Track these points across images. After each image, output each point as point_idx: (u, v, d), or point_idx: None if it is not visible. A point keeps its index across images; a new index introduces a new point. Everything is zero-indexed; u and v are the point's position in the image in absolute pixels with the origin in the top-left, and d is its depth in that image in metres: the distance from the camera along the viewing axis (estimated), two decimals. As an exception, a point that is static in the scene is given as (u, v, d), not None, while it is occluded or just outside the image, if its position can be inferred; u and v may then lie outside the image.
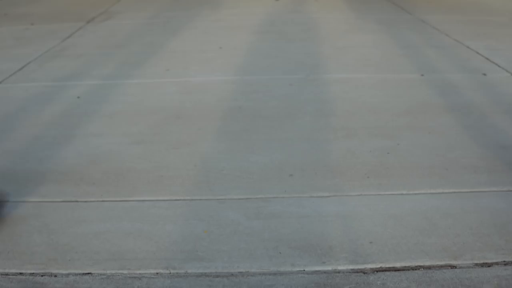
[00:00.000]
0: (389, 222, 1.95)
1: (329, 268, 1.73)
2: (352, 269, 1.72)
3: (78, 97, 3.38)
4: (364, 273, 1.71)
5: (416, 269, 1.72)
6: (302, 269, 1.72)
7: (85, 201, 2.14)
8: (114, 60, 4.17)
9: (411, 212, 2.02)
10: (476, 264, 1.74)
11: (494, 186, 2.22)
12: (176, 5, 6.48)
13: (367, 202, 2.11)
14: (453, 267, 1.73)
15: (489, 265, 1.73)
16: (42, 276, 1.72)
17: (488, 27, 5.19)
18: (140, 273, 1.71)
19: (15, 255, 1.81)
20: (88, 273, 1.72)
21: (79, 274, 1.72)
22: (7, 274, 1.73)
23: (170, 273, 1.72)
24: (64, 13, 6.17)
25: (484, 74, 3.73)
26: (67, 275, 1.72)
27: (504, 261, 1.75)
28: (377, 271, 1.71)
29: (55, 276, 1.71)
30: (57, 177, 2.33)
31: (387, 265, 1.74)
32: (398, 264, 1.74)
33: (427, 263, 1.74)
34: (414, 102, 3.20)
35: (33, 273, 1.73)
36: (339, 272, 1.71)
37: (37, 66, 4.08)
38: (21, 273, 1.73)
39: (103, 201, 2.15)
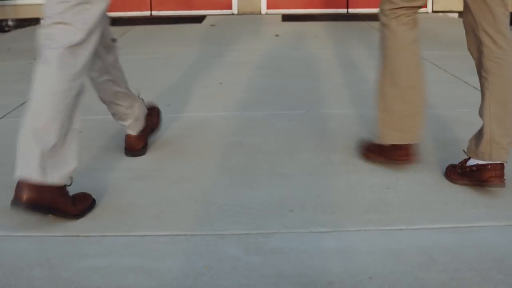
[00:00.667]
0: (388, 257, 1.96)
1: (329, 303, 1.74)
2: (351, 305, 1.73)
3: (80, 132, 3.40)
4: (364, 308, 1.71)
5: (415, 305, 1.73)
6: (302, 305, 1.73)
7: (86, 236, 2.15)
8: (116, 95, 4.20)
9: (411, 247, 2.03)
10: (475, 300, 1.75)
11: (492, 220, 2.24)
12: (178, 41, 6.55)
13: (366, 237, 2.12)
14: (452, 303, 1.73)
15: (488, 300, 1.74)
16: (43, 311, 1.72)
17: (486, 63, 5.24)
18: (140, 308, 1.72)
19: (16, 290, 1.82)
20: (89, 308, 1.73)
21: (80, 309, 1.73)
22: (8, 309, 1.73)
23: (170, 308, 1.72)
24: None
25: (482, 109, 3.76)
26: (68, 310, 1.72)
27: (503, 297, 1.76)
28: (376, 307, 1.72)
29: (56, 311, 1.72)
30: (58, 212, 2.34)
31: (387, 301, 1.74)
32: (397, 300, 1.75)
33: (427, 299, 1.75)
34: (413, 137, 3.23)
35: (34, 308, 1.74)
36: (338, 307, 1.72)
37: (39, 101, 4.11)
38: (22, 308, 1.74)
39: (104, 236, 2.16)
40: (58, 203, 2.21)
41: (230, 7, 9.28)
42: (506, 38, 2.45)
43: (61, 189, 2.23)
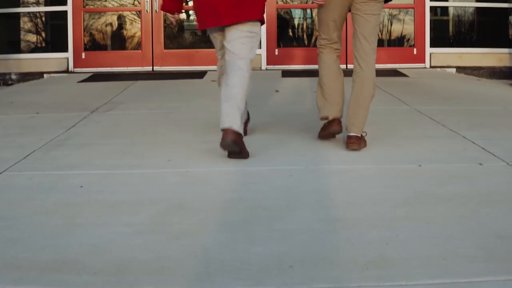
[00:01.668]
0: (388, 314, 1.97)
1: None
2: None
3: (81, 187, 3.43)
4: None
5: None
6: None
7: (87, 292, 2.16)
8: (117, 150, 4.24)
9: (411, 304, 2.04)
10: None
11: (491, 275, 2.24)
12: (178, 96, 6.61)
13: (366, 293, 2.12)
14: None
15: None
16: None
17: (484, 117, 5.29)
18: None
19: None
20: None
21: None
22: None
23: None
24: (68, 103, 6.29)
25: (480, 164, 3.79)
26: None
27: None
28: None
29: None
30: (59, 266, 2.35)
31: None
32: None
33: None
34: (412, 192, 3.25)
35: None
36: None
37: (42, 155, 4.14)
38: None
39: (104, 291, 2.16)
40: (242, 145, 3.86)
41: (230, 63, 9.39)
42: None
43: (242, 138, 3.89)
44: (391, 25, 9.74)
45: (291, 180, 3.49)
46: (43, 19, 9.94)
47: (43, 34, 10.02)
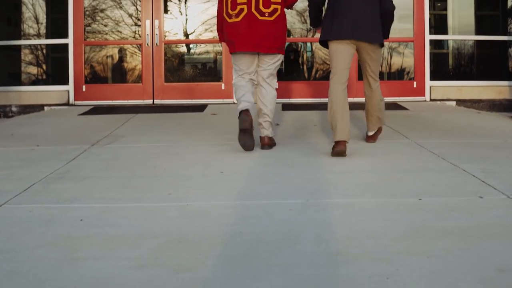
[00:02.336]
0: None
1: None
2: None
3: (81, 220, 3.42)
4: None
5: None
6: None
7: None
8: (117, 184, 4.24)
9: None
10: None
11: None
12: (179, 130, 6.63)
13: (367, 329, 2.11)
14: None
15: None
16: None
17: (484, 150, 5.30)
18: None
19: None
20: None
21: None
22: None
23: None
24: (69, 136, 6.31)
25: (481, 197, 3.79)
26: None
27: None
28: None
29: None
30: (58, 302, 2.34)
31: None
32: None
33: None
34: (413, 226, 3.24)
35: None
36: None
37: (42, 188, 4.15)
38: None
39: (104, 326, 2.15)
40: (273, 144, 5.48)
41: (231, 97, 9.43)
42: None
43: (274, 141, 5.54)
44: (391, 58, 9.81)
45: (291, 214, 3.48)
46: (44, 51, 10.01)
47: (44, 67, 10.09)
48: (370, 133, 5.73)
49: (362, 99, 5.89)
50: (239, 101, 5.30)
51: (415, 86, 9.54)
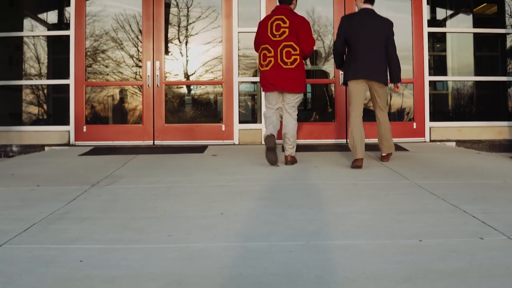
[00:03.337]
0: None
1: None
2: None
3: (81, 261, 3.41)
4: None
5: None
6: None
7: None
8: (117, 225, 4.23)
9: None
10: None
11: None
12: (179, 171, 6.64)
13: None
14: None
15: None
16: None
17: (484, 191, 5.30)
18: None
19: None
20: None
21: None
22: None
23: None
24: (69, 176, 6.31)
25: (481, 238, 3.78)
26: None
27: None
28: None
29: None
30: None
31: None
32: None
33: None
34: (413, 268, 3.23)
35: None
36: None
37: (42, 228, 4.14)
38: None
39: None
40: (295, 161, 7.06)
41: (231, 138, 9.47)
42: None
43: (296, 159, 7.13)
44: (390, 98, 9.88)
45: (291, 256, 3.47)
46: (45, 91, 10.09)
47: (45, 107, 10.16)
48: (384, 154, 7.12)
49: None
50: (267, 128, 6.96)
51: (415, 127, 9.58)
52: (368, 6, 6.88)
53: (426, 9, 9.74)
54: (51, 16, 10.44)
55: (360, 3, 6.93)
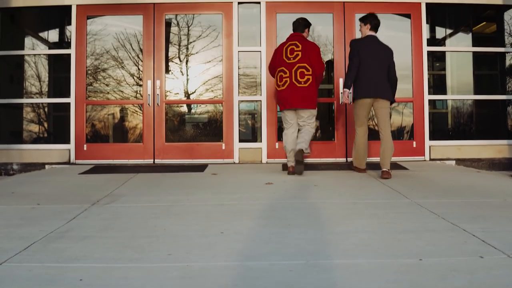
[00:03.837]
0: None
1: None
2: None
3: (81, 280, 3.41)
4: None
5: None
6: None
7: None
8: (117, 243, 4.23)
9: None
10: None
11: None
12: (179, 189, 6.64)
13: None
14: None
15: None
16: None
17: (484, 209, 5.30)
18: None
19: None
20: None
21: None
22: None
23: None
24: (69, 195, 6.32)
25: (481, 257, 3.78)
26: None
27: None
28: None
29: None
30: None
31: None
32: None
33: None
34: (414, 287, 3.23)
35: None
36: None
37: (42, 247, 4.14)
38: None
39: None
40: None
41: (231, 156, 9.48)
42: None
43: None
44: (390, 117, 9.90)
45: (291, 275, 3.47)
46: (46, 109, 10.11)
47: (46, 125, 10.18)
48: (385, 169, 7.48)
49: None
50: (289, 144, 7.93)
51: (414, 145, 9.60)
52: (373, 33, 7.84)
53: (425, 28, 9.79)
54: (52, 35, 10.49)
55: (366, 30, 7.86)
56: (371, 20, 7.84)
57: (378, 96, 7.61)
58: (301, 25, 8.05)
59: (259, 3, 9.72)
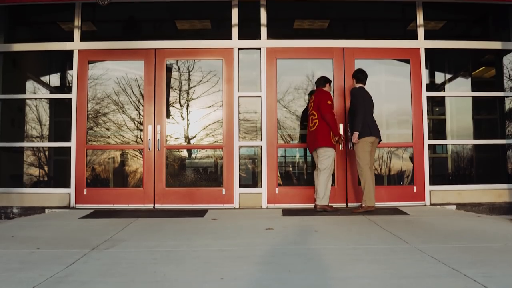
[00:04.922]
0: None
1: None
2: None
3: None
4: None
5: None
6: None
7: None
8: (117, 290, 4.22)
9: None
10: None
11: None
12: (179, 235, 6.63)
13: None
14: None
15: None
16: None
17: (484, 254, 5.29)
18: None
19: None
20: None
21: None
22: None
23: None
24: (69, 239, 6.30)
25: (483, 303, 3.78)
26: None
27: None
28: None
29: None
30: None
31: None
32: None
33: None
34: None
35: None
36: None
37: (41, 293, 4.13)
38: None
39: None
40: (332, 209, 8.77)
41: (231, 202, 9.47)
42: None
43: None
44: (390, 161, 9.92)
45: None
46: (46, 153, 10.13)
47: (46, 169, 10.19)
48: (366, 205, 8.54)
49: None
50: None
51: (414, 190, 9.59)
52: (363, 85, 8.97)
53: (424, 73, 9.86)
54: (54, 79, 10.57)
55: (358, 83, 8.98)
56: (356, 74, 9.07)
57: (379, 136, 8.78)
58: (322, 81, 9.06)
59: (259, 49, 9.81)
